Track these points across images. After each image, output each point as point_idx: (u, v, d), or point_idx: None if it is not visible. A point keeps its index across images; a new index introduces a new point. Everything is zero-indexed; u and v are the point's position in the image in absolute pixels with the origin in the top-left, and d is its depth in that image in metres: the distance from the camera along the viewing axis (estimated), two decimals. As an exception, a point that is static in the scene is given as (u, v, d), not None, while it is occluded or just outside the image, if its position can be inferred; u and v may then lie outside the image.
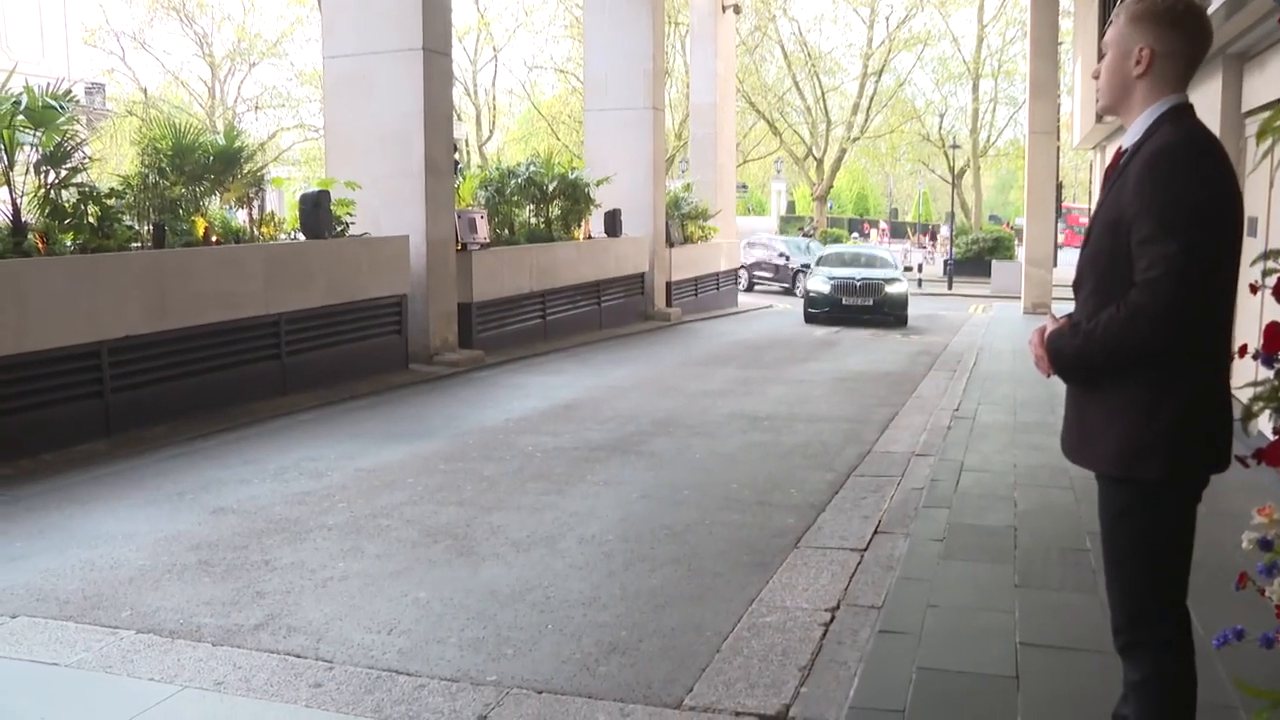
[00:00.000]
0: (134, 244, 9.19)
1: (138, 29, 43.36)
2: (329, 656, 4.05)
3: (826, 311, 20.23)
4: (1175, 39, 2.42)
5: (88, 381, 8.15)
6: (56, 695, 3.72)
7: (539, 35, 50.09)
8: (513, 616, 4.50)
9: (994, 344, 15.25)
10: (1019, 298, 24.32)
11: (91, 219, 8.85)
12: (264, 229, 11.30)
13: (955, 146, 45.66)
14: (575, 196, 17.10)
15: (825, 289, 20.39)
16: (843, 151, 48.05)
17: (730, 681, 3.78)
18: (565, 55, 45.41)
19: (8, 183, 8.44)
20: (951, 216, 41.90)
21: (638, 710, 3.58)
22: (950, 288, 32.86)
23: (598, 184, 17.41)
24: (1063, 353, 2.48)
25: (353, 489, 6.75)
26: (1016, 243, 37.31)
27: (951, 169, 47.76)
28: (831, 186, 50.28)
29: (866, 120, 47.44)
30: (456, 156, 16.30)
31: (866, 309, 20.05)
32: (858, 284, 20.14)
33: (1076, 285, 2.54)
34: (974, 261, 35.67)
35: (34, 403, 7.68)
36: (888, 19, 45.97)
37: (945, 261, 34.77)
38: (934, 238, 50.47)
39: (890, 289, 20.20)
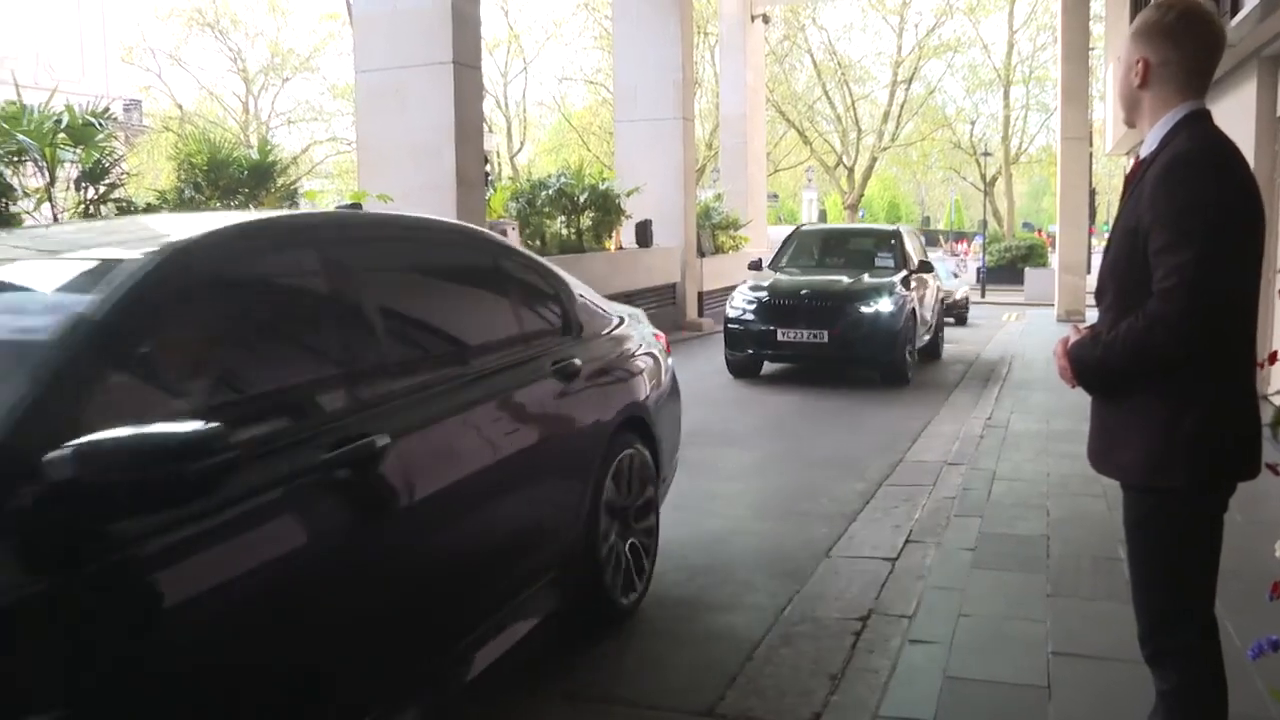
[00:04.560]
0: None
1: (174, 46, 43.99)
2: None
3: (750, 355, 12.41)
4: (1168, 49, 2.46)
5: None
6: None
7: (569, 47, 50.30)
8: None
9: (1027, 352, 15.17)
10: (1053, 305, 24.15)
11: (129, 234, 8.97)
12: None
13: (987, 154, 45.47)
14: (606, 207, 17.14)
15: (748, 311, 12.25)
16: (873, 160, 47.98)
17: (761, 689, 3.80)
18: (595, 67, 45.60)
19: (49, 198, 8.58)
20: (984, 224, 41.74)
21: (668, 718, 3.61)
22: (983, 295, 32.70)
23: (628, 195, 17.45)
24: (1084, 363, 2.49)
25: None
26: (1049, 250, 37.08)
27: (983, 176, 47.58)
28: (863, 195, 50.19)
29: (897, 128, 47.36)
30: (488, 168, 16.41)
31: (815, 346, 11.86)
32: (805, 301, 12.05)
33: (1099, 295, 2.56)
34: (1007, 269, 35.44)
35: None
36: (917, 27, 45.90)
37: (977, 269, 34.59)
38: (960, 241, 50.22)
39: (866, 306, 11.85)
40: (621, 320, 4.95)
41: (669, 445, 5.04)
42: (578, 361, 4.14)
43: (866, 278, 12.45)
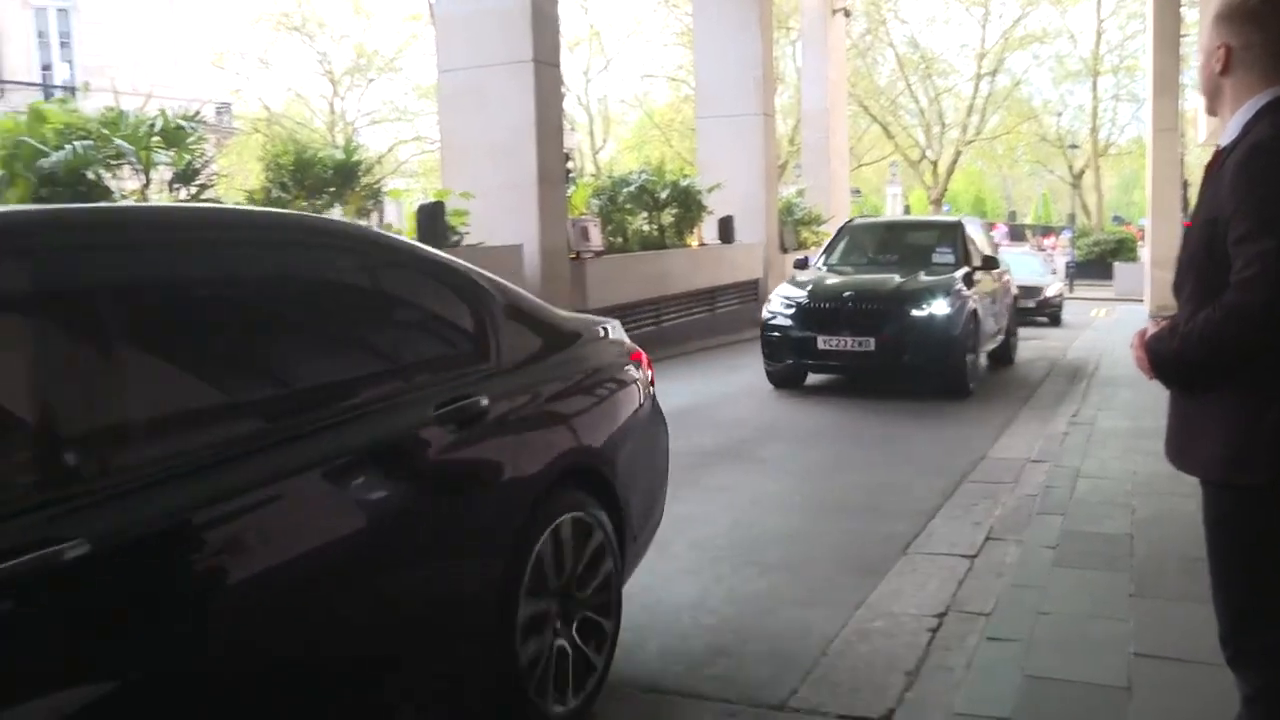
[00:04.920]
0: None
1: (262, 50, 44.94)
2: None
3: (789, 366, 11.25)
4: (1251, 32, 2.37)
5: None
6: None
7: (650, 44, 50.37)
8: (622, 617, 4.55)
9: (1116, 348, 14.85)
10: (1143, 300, 23.64)
11: (219, 233, 9.22)
12: (382, 240, 11.60)
13: (1074, 146, 44.61)
14: (687, 204, 17.16)
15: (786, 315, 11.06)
16: (958, 154, 47.36)
17: (835, 685, 3.79)
18: (677, 63, 45.59)
19: (144, 200, 8.84)
20: (1072, 218, 40.98)
21: (743, 711, 3.62)
22: (1071, 290, 32.13)
23: (709, 191, 17.44)
24: (1161, 355, 2.44)
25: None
26: (1140, 244, 36.30)
27: (1071, 169, 46.69)
28: (947, 189, 49.55)
29: (982, 121, 46.71)
30: (570, 166, 16.51)
31: (859, 355, 10.60)
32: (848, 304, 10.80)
33: (1177, 287, 2.50)
34: (1096, 264, 34.81)
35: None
36: (1001, 18, 45.16)
37: (1066, 264, 34.00)
38: (1047, 235, 49.30)
39: (919, 309, 10.57)
40: (576, 338, 3.91)
41: (642, 498, 4.03)
42: (482, 401, 3.11)
43: (921, 276, 11.09)
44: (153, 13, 33.33)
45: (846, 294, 10.93)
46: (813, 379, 11.67)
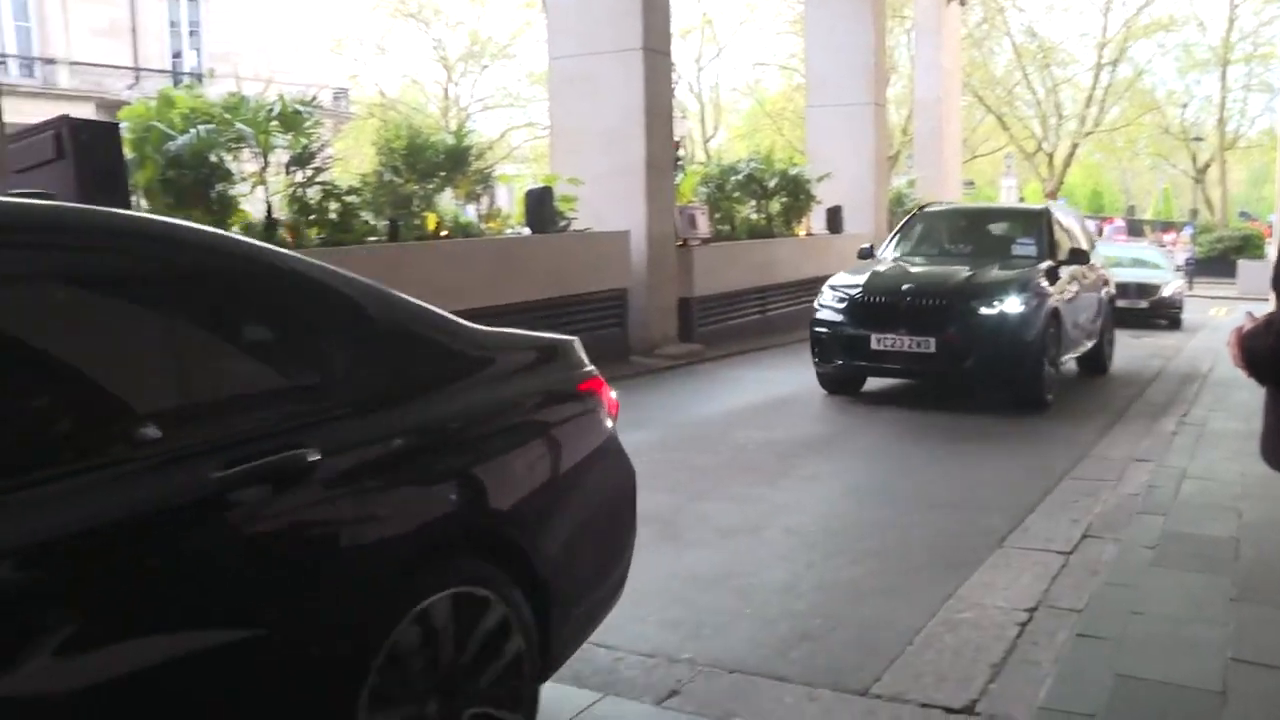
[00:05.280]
0: (370, 238, 9.78)
1: (379, 36, 45.83)
2: (534, 630, 4.27)
3: (839, 367, 10.01)
4: None
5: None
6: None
7: (762, 32, 50.08)
8: (712, 600, 4.63)
9: (1233, 348, 14.43)
10: (1268, 300, 22.77)
11: (333, 215, 9.50)
12: (491, 224, 11.81)
13: (1199, 139, 43.18)
14: (796, 193, 17.11)
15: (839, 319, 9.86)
16: (1075, 146, 46.21)
17: (919, 673, 3.81)
18: (789, 52, 45.26)
19: (263, 182, 9.13)
20: (1194, 213, 39.75)
21: (825, 694, 3.66)
22: (1190, 288, 31.20)
23: (819, 180, 17.35)
24: (1256, 352, 2.42)
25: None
26: (1267, 240, 35.06)
27: (1195, 163, 45.23)
28: (1063, 182, 48.41)
29: (1101, 113, 45.45)
30: (680, 154, 16.56)
31: (918, 357, 9.41)
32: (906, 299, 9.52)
33: (1276, 281, 2.47)
34: (1218, 261, 33.73)
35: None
36: (1125, 5, 43.84)
37: (1186, 260, 33.02)
38: (1167, 231, 47.83)
39: (988, 307, 9.33)
40: (486, 364, 3.11)
41: (588, 559, 3.33)
42: (310, 456, 2.33)
43: (995, 270, 9.84)
44: (275, 2, 34.25)
45: (905, 287, 9.66)
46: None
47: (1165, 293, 19.30)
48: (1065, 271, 10.31)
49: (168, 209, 8.30)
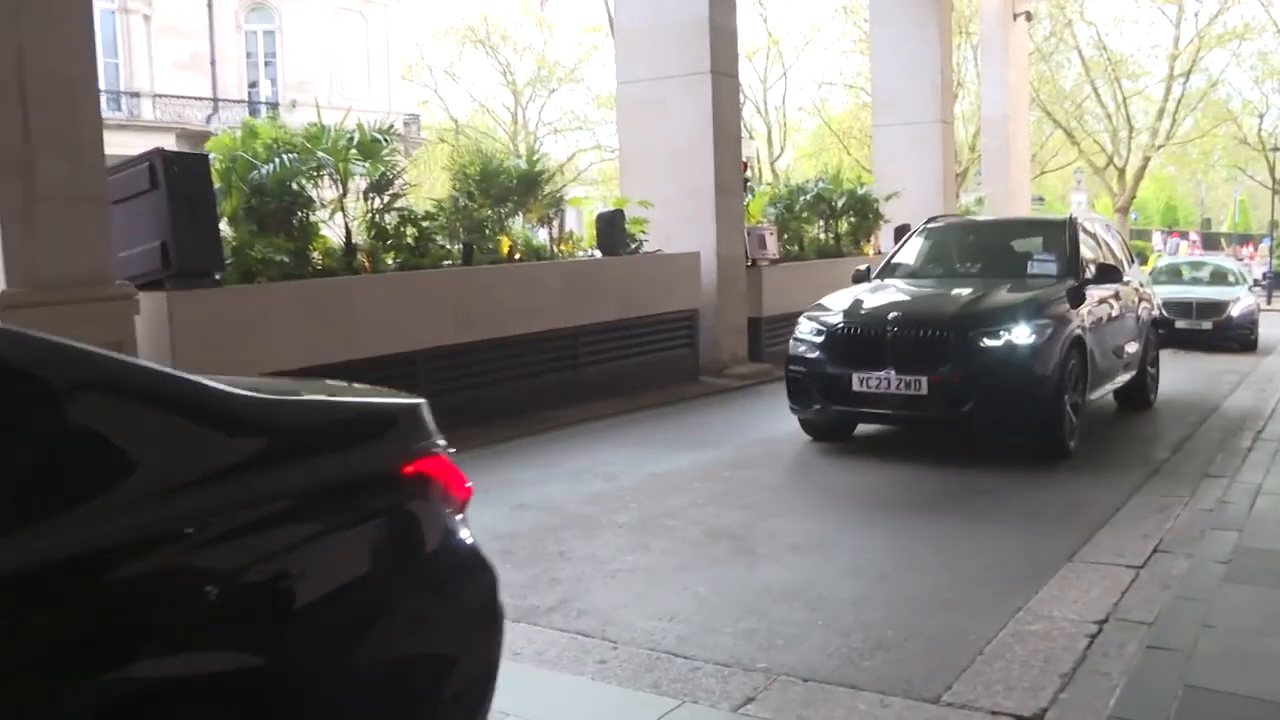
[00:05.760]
0: (445, 262, 10.03)
1: (448, 63, 46.60)
2: (614, 638, 4.44)
3: (818, 411, 8.59)
4: None
5: (405, 387, 8.86)
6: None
7: (828, 51, 50.01)
8: (785, 612, 4.74)
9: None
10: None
11: (409, 240, 9.76)
12: (563, 247, 12.02)
13: (1276, 149, 42.37)
14: (864, 212, 17.17)
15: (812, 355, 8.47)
16: (1146, 159, 45.53)
17: (989, 682, 3.89)
18: (855, 71, 45.18)
19: (342, 208, 9.41)
20: (1275, 225, 38.98)
21: (896, 702, 3.76)
22: (1269, 302, 30.65)
23: (886, 199, 17.39)
24: None
25: (642, 491, 7.16)
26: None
27: (1273, 173, 44.37)
28: (1134, 197, 47.70)
29: (1174, 125, 44.73)
30: (747, 174, 16.69)
31: (908, 399, 7.95)
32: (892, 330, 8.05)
33: None
34: (1299, 274, 33.08)
35: (360, 406, 8.48)
36: (1197, 15, 43.13)
37: (1264, 274, 32.43)
38: (1245, 244, 46.90)
39: (991, 338, 7.89)
40: (255, 445, 2.31)
41: (414, 703, 2.47)
42: None
43: (1004, 292, 8.47)
44: (347, 32, 35.06)
45: (892, 316, 8.18)
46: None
47: (1234, 312, 17.17)
48: (1093, 292, 8.91)
49: (251, 236, 8.61)
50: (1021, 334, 7.80)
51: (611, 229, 11.76)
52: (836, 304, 8.69)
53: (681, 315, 12.35)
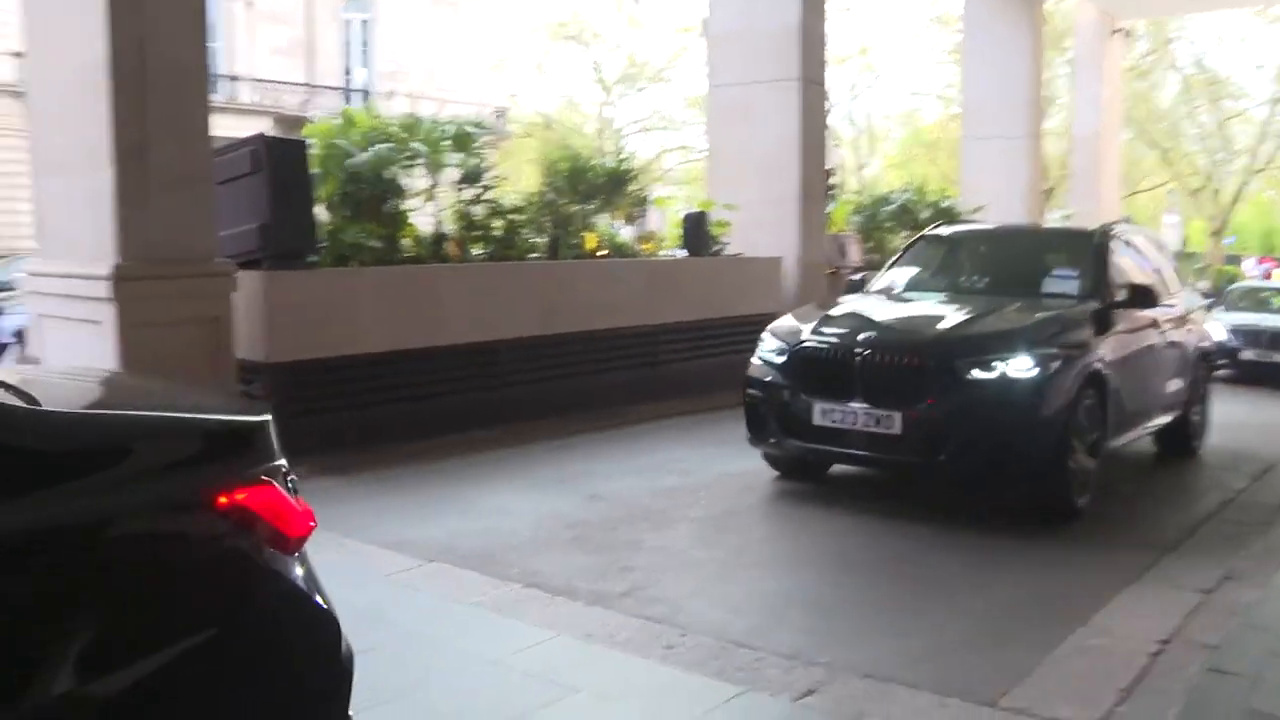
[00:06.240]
0: (532, 255, 10.24)
1: (539, 57, 47.02)
2: (683, 625, 4.60)
3: (774, 446, 7.30)
4: None
5: (487, 375, 9.16)
6: (462, 626, 4.53)
7: (920, 61, 49.60)
8: (851, 612, 4.87)
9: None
10: None
11: (497, 231, 9.98)
12: (646, 245, 12.19)
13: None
14: (949, 224, 17.08)
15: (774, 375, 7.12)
16: (1244, 183, 44.55)
17: (1047, 691, 3.98)
18: (946, 81, 44.79)
19: (433, 198, 9.66)
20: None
21: (954, 703, 3.87)
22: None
23: (972, 212, 17.30)
24: None
25: (715, 488, 7.29)
26: None
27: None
28: (1229, 220, 46.70)
29: (1277, 149, 43.71)
30: (833, 181, 16.72)
31: (878, 439, 6.55)
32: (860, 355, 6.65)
33: None
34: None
35: (443, 390, 8.74)
36: (1305, 37, 42.09)
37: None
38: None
39: (982, 369, 6.42)
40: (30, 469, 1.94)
41: None
42: None
43: (1008, 313, 7.15)
44: (440, 23, 35.61)
45: (864, 337, 6.82)
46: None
47: None
48: (1122, 317, 7.45)
49: (345, 221, 8.88)
50: (1020, 365, 6.40)
51: (697, 230, 11.91)
52: (806, 318, 7.46)
53: (762, 319, 12.29)
